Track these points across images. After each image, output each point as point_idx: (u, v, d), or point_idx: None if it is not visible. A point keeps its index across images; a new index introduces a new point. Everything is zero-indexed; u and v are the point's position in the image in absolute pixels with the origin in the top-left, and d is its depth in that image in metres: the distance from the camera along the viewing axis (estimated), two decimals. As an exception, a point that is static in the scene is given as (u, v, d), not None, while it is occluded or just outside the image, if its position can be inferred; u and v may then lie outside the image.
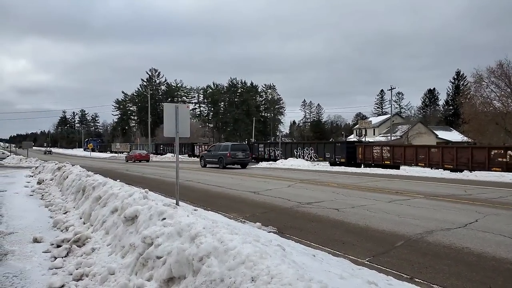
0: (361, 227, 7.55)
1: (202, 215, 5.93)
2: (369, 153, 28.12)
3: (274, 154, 36.78)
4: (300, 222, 8.15)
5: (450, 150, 24.03)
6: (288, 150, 35.67)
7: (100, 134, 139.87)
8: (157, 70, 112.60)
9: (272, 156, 36.78)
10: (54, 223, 7.61)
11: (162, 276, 3.89)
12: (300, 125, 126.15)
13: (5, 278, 4.60)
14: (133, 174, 22.99)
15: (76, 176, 11.59)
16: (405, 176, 20.05)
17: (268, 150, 38.14)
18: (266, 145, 39.50)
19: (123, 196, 6.72)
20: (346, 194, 12.15)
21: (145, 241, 4.52)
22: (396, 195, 12.02)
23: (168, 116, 8.67)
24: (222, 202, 11.08)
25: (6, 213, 8.90)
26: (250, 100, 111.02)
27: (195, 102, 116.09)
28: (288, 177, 18.92)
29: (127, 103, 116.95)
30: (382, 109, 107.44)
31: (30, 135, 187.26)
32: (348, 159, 28.89)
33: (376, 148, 27.97)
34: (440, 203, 10.44)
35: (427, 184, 15.75)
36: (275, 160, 34.81)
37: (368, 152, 28.21)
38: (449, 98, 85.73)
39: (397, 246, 6.19)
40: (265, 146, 39.36)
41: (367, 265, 5.17)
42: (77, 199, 9.53)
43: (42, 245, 6.02)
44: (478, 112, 39.62)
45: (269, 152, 37.74)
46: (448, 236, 6.72)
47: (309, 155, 33.19)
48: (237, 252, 3.42)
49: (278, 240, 5.61)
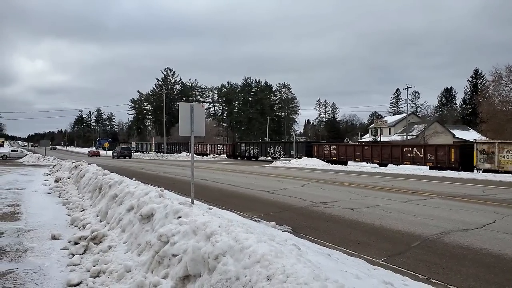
0: (376, 227, 7.49)
1: (217, 213, 5.96)
2: (322, 150, 34.75)
3: (253, 152, 45.09)
4: (315, 221, 8.12)
5: (377, 147, 29.93)
6: (263, 148, 44.17)
7: (116, 133, 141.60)
8: (172, 70, 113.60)
9: (251, 154, 45.06)
10: (72, 220, 7.74)
11: (178, 274, 3.92)
12: (315, 124, 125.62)
13: (25, 274, 4.70)
14: (149, 172, 23.23)
15: (93, 175, 11.76)
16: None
17: (248, 149, 46.04)
18: (246, 144, 47.70)
19: (139, 195, 6.80)
20: (362, 194, 12.05)
21: (161, 239, 4.57)
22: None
23: (184, 115, 8.71)
24: (236, 201, 11.11)
25: (25, 211, 9.09)
26: (264, 99, 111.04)
27: (210, 101, 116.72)
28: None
29: (142, 103, 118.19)
30: (398, 108, 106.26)
31: (48, 134, 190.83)
32: (307, 155, 35.63)
33: (326, 147, 34.90)
34: (457, 203, 10.28)
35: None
36: (257, 158, 44.08)
37: (321, 150, 34.89)
38: (467, 97, 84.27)
39: (413, 247, 6.12)
40: (246, 145, 47.48)
41: (383, 265, 5.12)
42: (94, 197, 9.67)
43: (60, 242, 6.13)
44: (497, 111, 38.83)
45: (249, 150, 45.73)
46: (465, 237, 6.61)
47: (279, 152, 41.01)
48: (253, 251, 3.43)
49: (293, 239, 5.60)
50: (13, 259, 5.30)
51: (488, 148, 22.89)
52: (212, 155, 53.73)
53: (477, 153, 23.23)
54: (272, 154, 41.67)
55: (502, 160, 22.03)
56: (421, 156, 26.41)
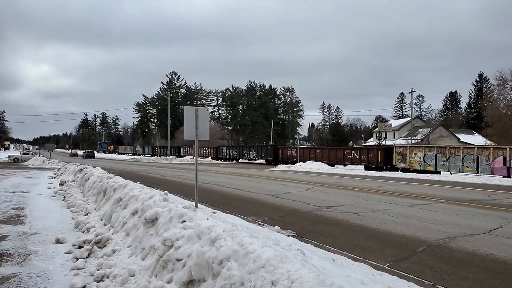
0: (381, 232, 7.44)
1: (221, 217, 5.94)
2: (285, 153, 41.46)
3: (232, 155, 51.56)
4: (319, 226, 8.09)
5: (325, 150, 36.99)
6: (241, 151, 50.28)
7: (121, 136, 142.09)
8: (177, 74, 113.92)
9: (231, 156, 51.36)
10: (76, 224, 7.74)
11: (182, 278, 3.90)
12: (319, 128, 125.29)
13: (29, 278, 4.70)
14: (153, 176, 23.26)
15: (97, 178, 11.78)
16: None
17: (228, 152, 52.75)
18: (227, 148, 54.72)
19: (144, 198, 6.80)
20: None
21: (165, 244, 4.55)
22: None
23: (188, 119, 8.72)
24: (240, 204, 11.09)
25: (30, 214, 9.11)
26: (269, 102, 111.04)
27: (214, 105, 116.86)
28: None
29: (147, 106, 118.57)
30: (402, 112, 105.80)
31: (53, 137, 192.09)
32: (274, 158, 42.56)
33: (289, 150, 42.26)
34: (462, 208, 10.21)
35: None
36: (237, 159, 50.19)
37: (285, 153, 41.61)
38: (472, 101, 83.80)
39: (418, 252, 6.07)
40: (227, 148, 54.48)
41: (388, 270, 5.08)
42: (98, 201, 9.68)
43: (64, 246, 6.13)
44: (502, 115, 38.62)
45: (229, 153, 52.31)
46: (471, 242, 6.55)
47: (253, 155, 47.38)
48: (257, 256, 3.41)
49: (298, 244, 5.57)
50: (17, 263, 5.30)
51: (403, 151, 28.13)
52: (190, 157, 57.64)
53: (396, 155, 28.33)
54: (247, 156, 48.26)
55: (412, 160, 27.28)
56: (357, 158, 31.64)
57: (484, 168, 23.12)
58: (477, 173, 23.29)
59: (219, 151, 54.19)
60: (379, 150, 30.08)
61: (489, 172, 22.73)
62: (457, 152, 25.09)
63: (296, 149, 38.78)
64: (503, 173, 22.05)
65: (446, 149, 25.88)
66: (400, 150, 28.30)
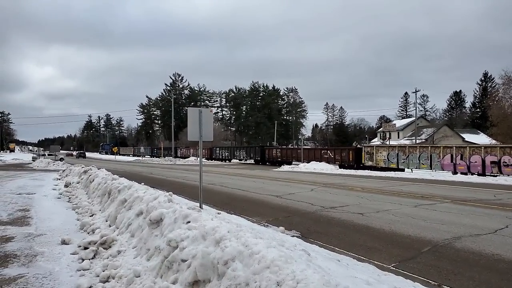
0: (386, 232, 7.42)
1: (225, 218, 5.95)
2: (271, 153, 44.75)
3: (225, 155, 54.12)
4: (324, 226, 8.08)
5: (305, 150, 39.08)
6: (232, 152, 53.35)
7: (125, 138, 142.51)
8: (180, 75, 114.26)
9: (224, 157, 53.93)
10: (81, 225, 7.78)
11: (187, 279, 3.91)
12: (323, 128, 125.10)
13: (35, 279, 4.73)
14: (157, 177, 23.31)
15: (102, 180, 11.83)
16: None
17: (221, 152, 55.27)
18: (220, 149, 56.69)
19: (148, 199, 6.81)
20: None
21: (170, 244, 4.56)
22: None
23: (192, 120, 8.74)
24: (244, 205, 11.10)
25: (36, 215, 9.16)
26: (272, 103, 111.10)
27: (218, 106, 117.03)
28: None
29: (151, 107, 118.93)
30: (406, 112, 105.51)
31: (58, 139, 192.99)
32: (261, 158, 45.66)
33: (273, 150, 45.33)
34: (467, 208, 10.16)
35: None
36: (230, 160, 52.55)
37: (270, 153, 44.85)
38: (476, 100, 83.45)
39: (423, 252, 6.05)
40: (220, 149, 56.47)
41: (393, 271, 5.06)
42: (103, 202, 9.72)
43: (70, 247, 6.16)
44: (507, 114, 38.39)
45: (222, 154, 54.92)
46: (477, 242, 6.52)
47: (243, 155, 50.39)
48: (262, 257, 3.41)
49: (302, 244, 5.57)
50: (24, 264, 5.34)
51: (370, 150, 31.24)
52: (194, 158, 59.45)
53: (365, 154, 31.48)
54: (238, 157, 51.33)
55: (378, 158, 30.33)
56: (332, 157, 34.70)
57: (435, 165, 25.97)
58: (431, 169, 26.11)
59: (213, 152, 56.52)
60: (350, 150, 33.99)
61: (440, 168, 25.54)
62: (415, 151, 27.95)
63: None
64: (451, 169, 24.75)
65: (406, 148, 29.01)
66: (368, 149, 31.58)
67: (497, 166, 22.30)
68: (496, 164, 22.36)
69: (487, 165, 22.71)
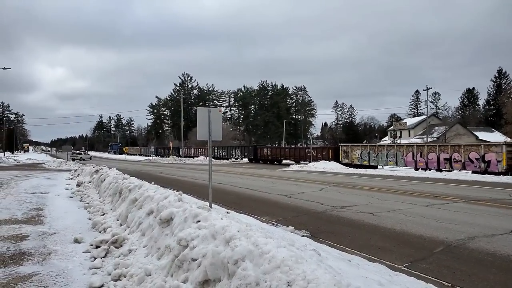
0: (397, 232, 7.35)
1: (235, 218, 5.95)
2: (262, 152, 47.64)
3: (222, 154, 56.18)
4: (334, 226, 8.03)
5: (292, 149, 45.93)
6: (229, 151, 55.15)
7: (135, 137, 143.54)
8: (189, 75, 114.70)
9: (222, 156, 55.99)
10: (93, 224, 7.85)
11: (198, 278, 3.92)
12: (332, 127, 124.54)
13: (49, 277, 4.79)
14: (167, 176, 23.43)
15: (113, 179, 11.92)
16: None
17: (219, 151, 56.83)
18: (218, 148, 57.00)
19: (159, 199, 6.85)
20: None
21: (180, 243, 4.58)
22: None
23: (201, 120, 8.76)
24: (254, 205, 11.09)
25: (49, 214, 9.27)
26: (281, 102, 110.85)
27: (226, 106, 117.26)
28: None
29: (160, 108, 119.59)
30: (417, 110, 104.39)
31: (69, 139, 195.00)
32: (254, 156, 48.28)
33: (265, 149, 48.50)
34: (482, 207, 10.02)
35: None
36: (227, 158, 54.43)
37: (262, 152, 47.73)
38: (490, 97, 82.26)
39: (436, 252, 5.98)
40: (218, 148, 57.08)
41: (405, 271, 5.01)
42: (114, 201, 9.79)
43: (82, 246, 6.23)
44: (522, 112, 37.79)
45: (220, 153, 56.67)
46: (492, 243, 6.42)
47: (238, 154, 52.95)
48: (272, 256, 3.40)
49: (312, 244, 5.54)
50: (38, 262, 5.40)
51: (346, 149, 34.10)
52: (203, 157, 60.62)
53: (341, 152, 34.46)
54: (234, 156, 53.69)
55: (353, 156, 33.08)
56: (315, 155, 37.83)
57: (400, 162, 28.68)
58: (396, 165, 28.87)
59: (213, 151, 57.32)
60: (330, 149, 37.83)
61: (404, 165, 28.25)
62: (383, 149, 30.73)
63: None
64: (413, 165, 27.41)
65: (376, 147, 32.09)
66: (344, 148, 34.62)
67: (448, 162, 25.21)
68: (448, 161, 25.28)
69: (441, 161, 25.65)
